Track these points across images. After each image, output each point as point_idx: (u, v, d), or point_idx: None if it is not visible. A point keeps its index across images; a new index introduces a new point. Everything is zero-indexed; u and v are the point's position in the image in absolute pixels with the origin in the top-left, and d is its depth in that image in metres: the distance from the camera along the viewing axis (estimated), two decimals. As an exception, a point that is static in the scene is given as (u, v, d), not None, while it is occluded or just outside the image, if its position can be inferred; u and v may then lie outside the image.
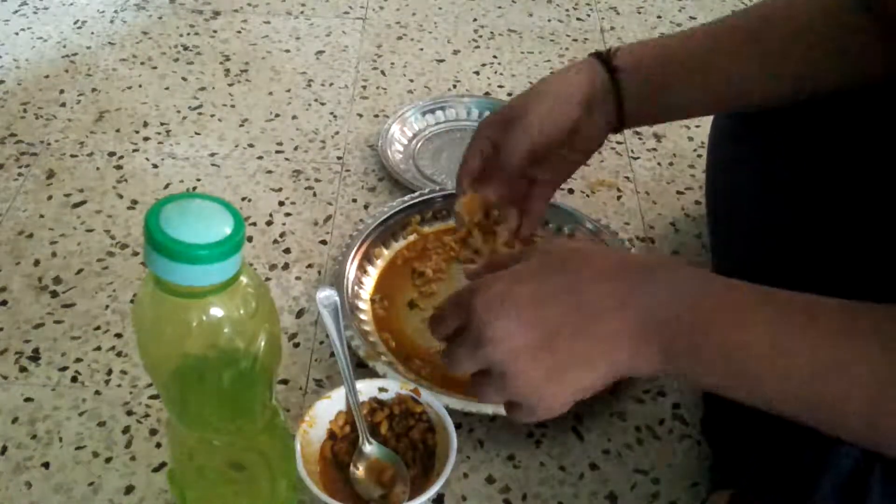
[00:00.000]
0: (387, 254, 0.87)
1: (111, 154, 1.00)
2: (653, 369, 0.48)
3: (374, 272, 0.85)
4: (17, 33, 1.21)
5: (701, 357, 0.46)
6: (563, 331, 0.47)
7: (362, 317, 0.80)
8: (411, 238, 0.88)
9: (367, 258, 0.85)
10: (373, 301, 0.82)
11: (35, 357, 0.77)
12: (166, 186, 0.96)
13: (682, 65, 0.68)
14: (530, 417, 0.50)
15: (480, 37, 1.25)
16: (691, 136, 1.07)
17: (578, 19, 1.30)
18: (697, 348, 0.46)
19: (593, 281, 0.48)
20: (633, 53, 0.69)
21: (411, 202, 0.90)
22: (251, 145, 1.03)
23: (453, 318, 0.51)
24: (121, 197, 0.95)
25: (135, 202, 0.94)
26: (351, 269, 0.83)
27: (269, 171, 0.99)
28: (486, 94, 1.13)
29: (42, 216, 0.92)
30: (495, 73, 1.17)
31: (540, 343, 0.47)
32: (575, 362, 0.47)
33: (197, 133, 1.04)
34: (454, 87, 1.14)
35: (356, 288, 0.82)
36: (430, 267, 0.85)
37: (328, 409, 0.67)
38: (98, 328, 0.80)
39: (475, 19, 1.29)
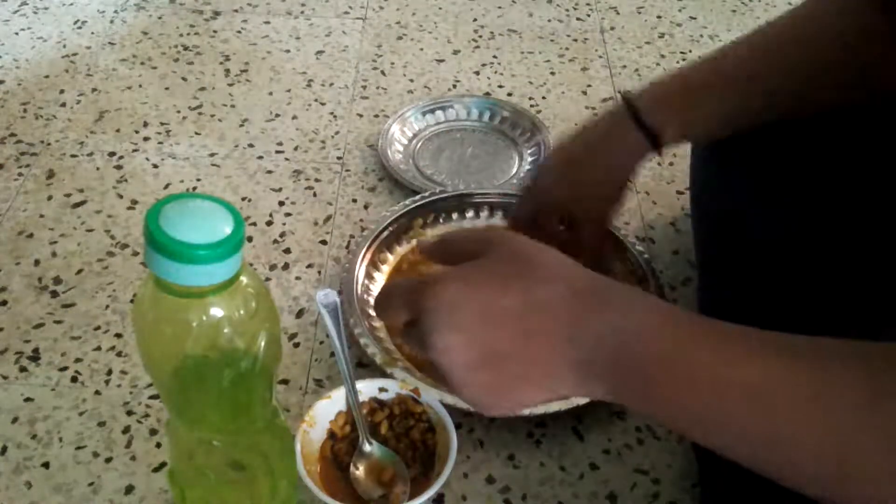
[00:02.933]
0: (391, 259, 0.87)
1: (111, 154, 1.00)
2: (600, 397, 0.46)
3: (381, 278, 0.85)
4: (17, 33, 1.21)
5: (653, 395, 0.44)
6: (508, 354, 0.45)
7: (375, 323, 0.80)
8: (415, 242, 0.88)
9: (374, 264, 0.85)
10: None
11: (35, 357, 0.77)
12: (166, 186, 0.96)
13: (706, 99, 0.71)
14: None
15: (480, 37, 1.25)
16: (691, 136, 1.07)
17: (578, 19, 1.30)
18: (650, 384, 0.43)
19: (543, 309, 0.45)
20: (658, 98, 0.73)
21: (413, 206, 0.90)
22: (251, 145, 1.03)
23: (399, 310, 0.49)
24: (121, 197, 0.95)
25: (135, 202, 0.94)
26: (359, 276, 0.83)
27: (269, 171, 0.99)
28: (487, 94, 1.13)
29: (42, 216, 0.92)
30: (495, 73, 1.17)
31: (482, 362, 0.45)
32: (516, 384, 0.46)
33: (197, 133, 1.04)
34: (454, 87, 1.14)
35: (366, 296, 0.82)
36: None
37: (328, 409, 0.67)
38: (98, 328, 0.80)
39: (475, 19, 1.29)
